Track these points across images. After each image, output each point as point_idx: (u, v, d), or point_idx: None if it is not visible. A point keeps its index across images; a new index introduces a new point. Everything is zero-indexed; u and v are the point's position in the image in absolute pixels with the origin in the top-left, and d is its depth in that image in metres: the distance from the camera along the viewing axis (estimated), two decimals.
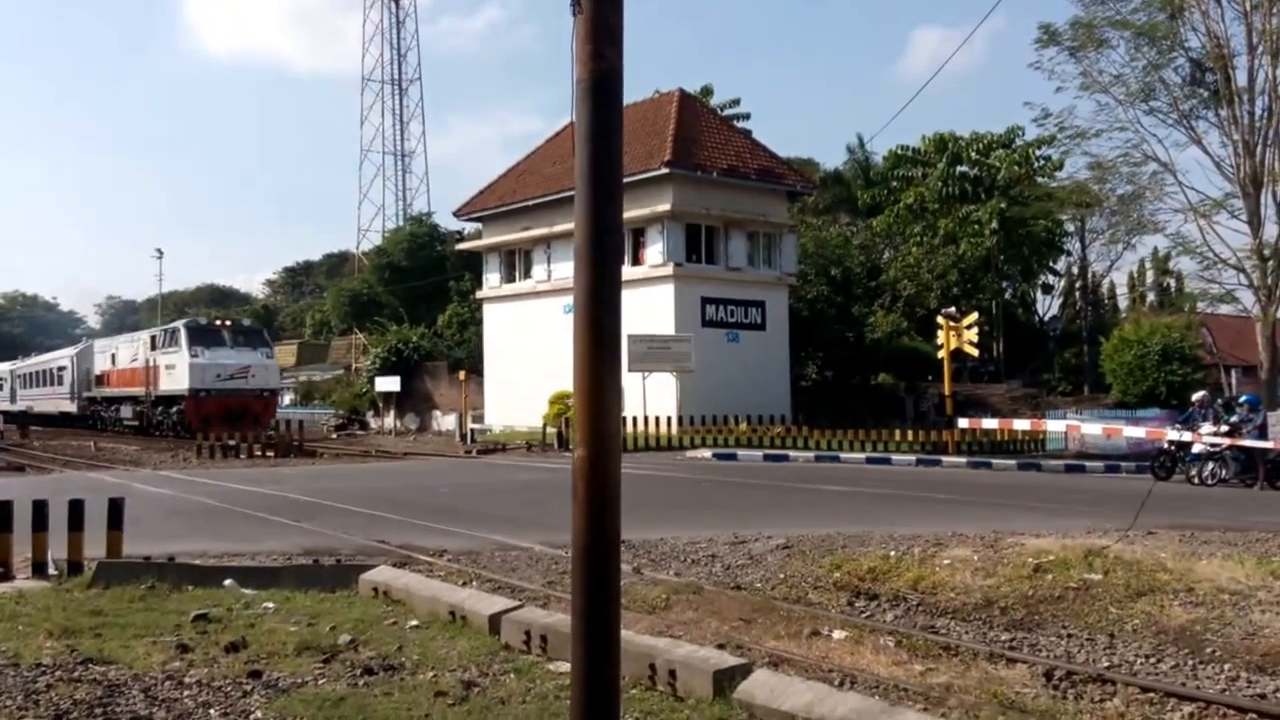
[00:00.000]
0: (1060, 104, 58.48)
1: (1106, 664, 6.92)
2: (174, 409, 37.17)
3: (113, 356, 44.23)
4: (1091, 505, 14.92)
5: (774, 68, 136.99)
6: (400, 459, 27.61)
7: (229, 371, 36.79)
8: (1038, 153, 42.87)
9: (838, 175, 53.70)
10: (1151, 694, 6.25)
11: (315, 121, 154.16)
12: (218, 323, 39.77)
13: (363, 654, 7.01)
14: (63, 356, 52.87)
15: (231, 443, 26.40)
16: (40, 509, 9.51)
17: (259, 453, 26.11)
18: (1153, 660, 7.00)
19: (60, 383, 51.23)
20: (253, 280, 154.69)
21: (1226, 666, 6.82)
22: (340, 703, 5.93)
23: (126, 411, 42.14)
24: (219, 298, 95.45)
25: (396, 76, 73.71)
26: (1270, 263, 31.04)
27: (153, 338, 39.65)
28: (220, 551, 10.75)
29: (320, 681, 6.41)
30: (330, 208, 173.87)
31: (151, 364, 38.44)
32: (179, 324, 38.22)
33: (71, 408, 49.23)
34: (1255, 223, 31.22)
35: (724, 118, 42.45)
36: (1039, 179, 43.16)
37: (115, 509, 9.67)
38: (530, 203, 36.69)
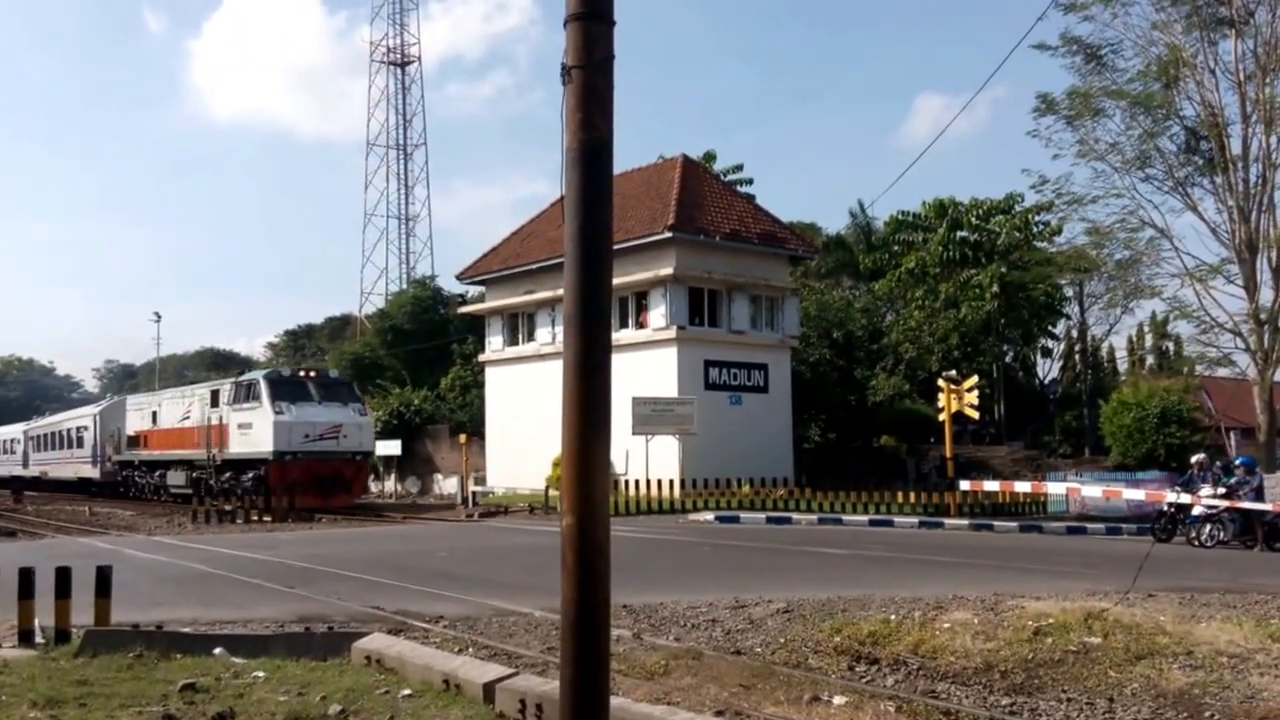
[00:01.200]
0: (1058, 171, 58.84)
1: None
2: (249, 475, 31.29)
3: (153, 415, 38.74)
4: (1092, 567, 14.78)
5: (777, 134, 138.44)
6: (400, 523, 27.41)
7: (318, 431, 31.13)
8: (1037, 218, 43.18)
9: (840, 240, 54.00)
10: None
11: (319, 185, 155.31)
12: (301, 374, 33.51)
13: None
14: (83, 416, 47.50)
15: (228, 508, 26.23)
16: (26, 576, 9.41)
17: (256, 518, 25.95)
18: None
19: (80, 444, 45.90)
20: (254, 343, 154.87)
21: None
22: None
23: (176, 478, 35.93)
24: (219, 361, 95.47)
25: (401, 141, 74.80)
26: (1266, 326, 31.07)
27: (214, 393, 34.21)
28: (211, 619, 10.63)
29: None
30: (333, 271, 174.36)
31: (218, 422, 32.77)
32: (257, 376, 32.45)
33: (93, 473, 43.80)
34: (1251, 287, 31.30)
35: (727, 183, 42.83)
36: (1038, 244, 43.42)
37: (103, 576, 9.57)
38: (533, 266, 36.88)
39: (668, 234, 32.52)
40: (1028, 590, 11.35)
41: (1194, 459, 21.20)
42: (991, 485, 26.81)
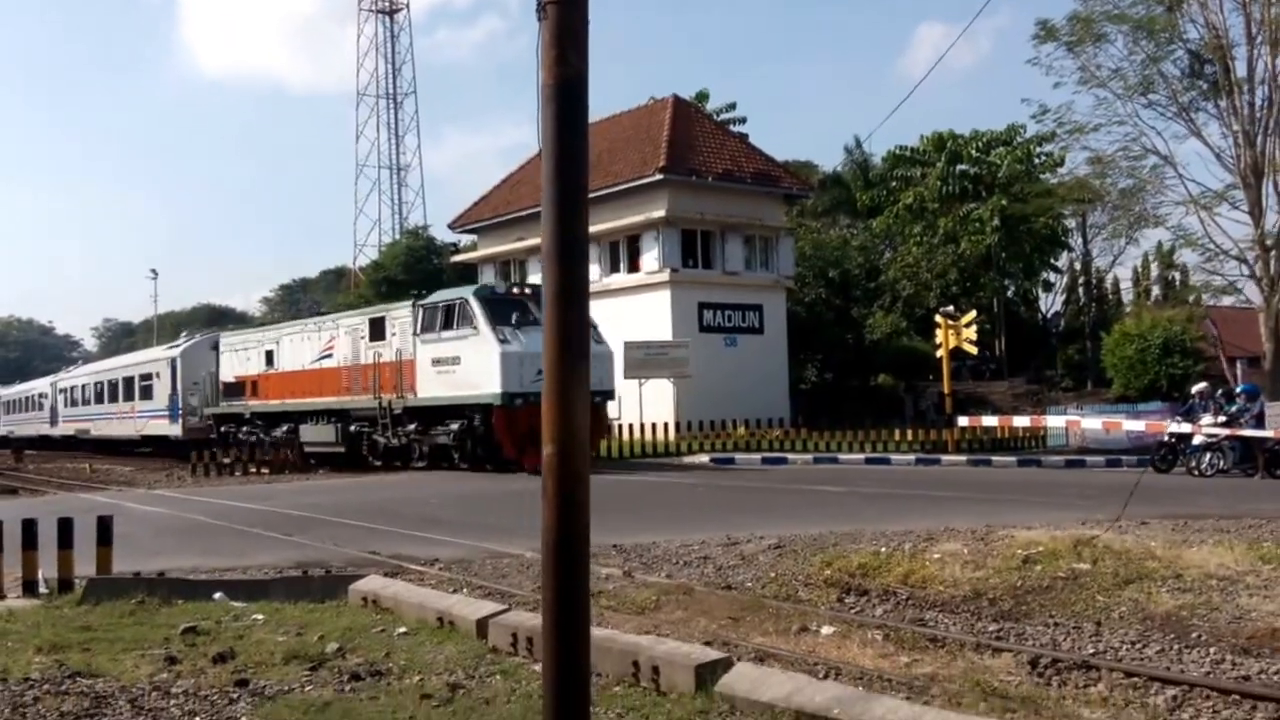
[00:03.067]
0: (1059, 99, 58.43)
1: (1092, 651, 7.02)
2: (452, 425, 23.87)
3: (267, 355, 30.58)
4: (1087, 499, 15.00)
5: (772, 69, 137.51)
6: (396, 472, 27.71)
7: None
8: (1038, 149, 43.08)
9: (837, 177, 53.86)
10: (1135, 679, 6.35)
11: (310, 138, 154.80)
12: (515, 290, 25.08)
13: (350, 661, 7.12)
14: (150, 361, 39.01)
15: (226, 461, 26.46)
16: (30, 528, 9.64)
17: (255, 470, 26.19)
18: (1138, 646, 7.10)
19: (147, 396, 37.65)
20: (249, 298, 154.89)
21: (1212, 650, 6.92)
22: (326, 708, 6.04)
23: (318, 432, 27.71)
24: (215, 317, 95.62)
25: (391, 91, 74.35)
26: (1273, 253, 31.12)
27: (376, 321, 26.34)
28: (210, 567, 10.85)
29: (307, 688, 6.51)
30: (326, 224, 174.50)
31: (393, 359, 24.99)
32: (462, 294, 24.26)
33: (172, 429, 35.29)
34: (1257, 213, 31.31)
35: (719, 123, 42.63)
36: (1040, 176, 43.35)
37: (104, 526, 9.81)
38: (524, 213, 36.85)
39: (659, 176, 32.49)
40: (1021, 521, 11.56)
41: (1195, 388, 21.41)
42: (990, 420, 27.07)
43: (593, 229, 21.17)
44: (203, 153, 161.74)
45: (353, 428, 26.51)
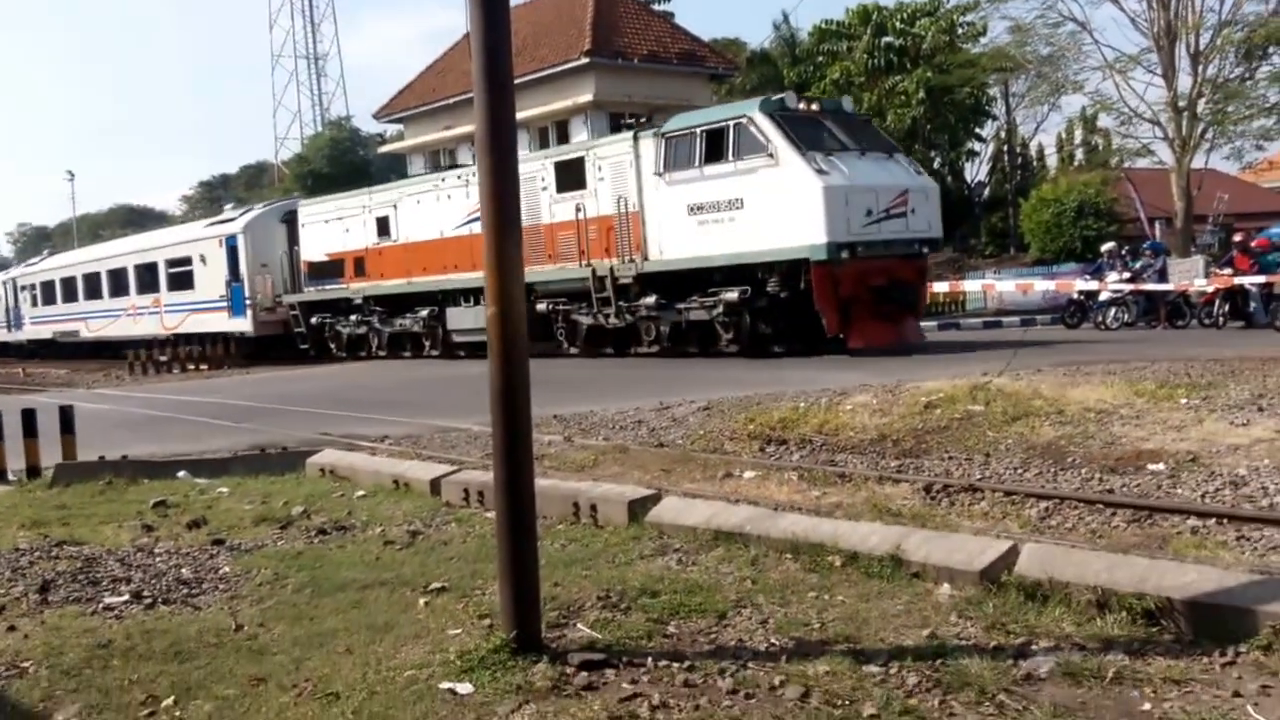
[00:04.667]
0: None
1: (979, 477, 7.99)
2: (729, 294, 17.99)
3: (381, 222, 24.88)
4: (996, 354, 15.86)
5: None
6: (334, 364, 28.21)
7: (884, 204, 17.57)
8: (962, 19, 43.47)
9: (764, 55, 53.79)
10: (1014, 496, 7.30)
11: (223, 28, 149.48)
12: (803, 106, 18.76)
13: (315, 520, 7.89)
14: (192, 241, 31.84)
15: (164, 358, 26.73)
16: None
17: (193, 367, 26.54)
18: (1020, 471, 8.08)
19: (185, 285, 31.39)
20: (168, 197, 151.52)
21: (1084, 471, 7.91)
22: (299, 555, 6.82)
23: (480, 315, 20.61)
24: (134, 218, 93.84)
25: None
26: (1184, 114, 32.18)
27: (568, 164, 20.74)
28: (167, 454, 11.50)
29: (279, 543, 7.28)
30: (244, 118, 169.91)
31: (619, 210, 19.40)
32: (748, 110, 17.99)
33: (239, 324, 29.08)
34: (1169, 75, 32.23)
35: (642, 2, 42.43)
36: (963, 46, 43.82)
37: (65, 416, 10.41)
38: (451, 100, 36.75)
39: (584, 60, 32.58)
40: (931, 376, 12.52)
41: (1104, 248, 22.57)
42: None
43: (521, 115, 21.44)
44: (111, 47, 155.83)
45: (542, 306, 20.94)
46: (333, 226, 26.35)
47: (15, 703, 4.54)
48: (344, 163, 54.15)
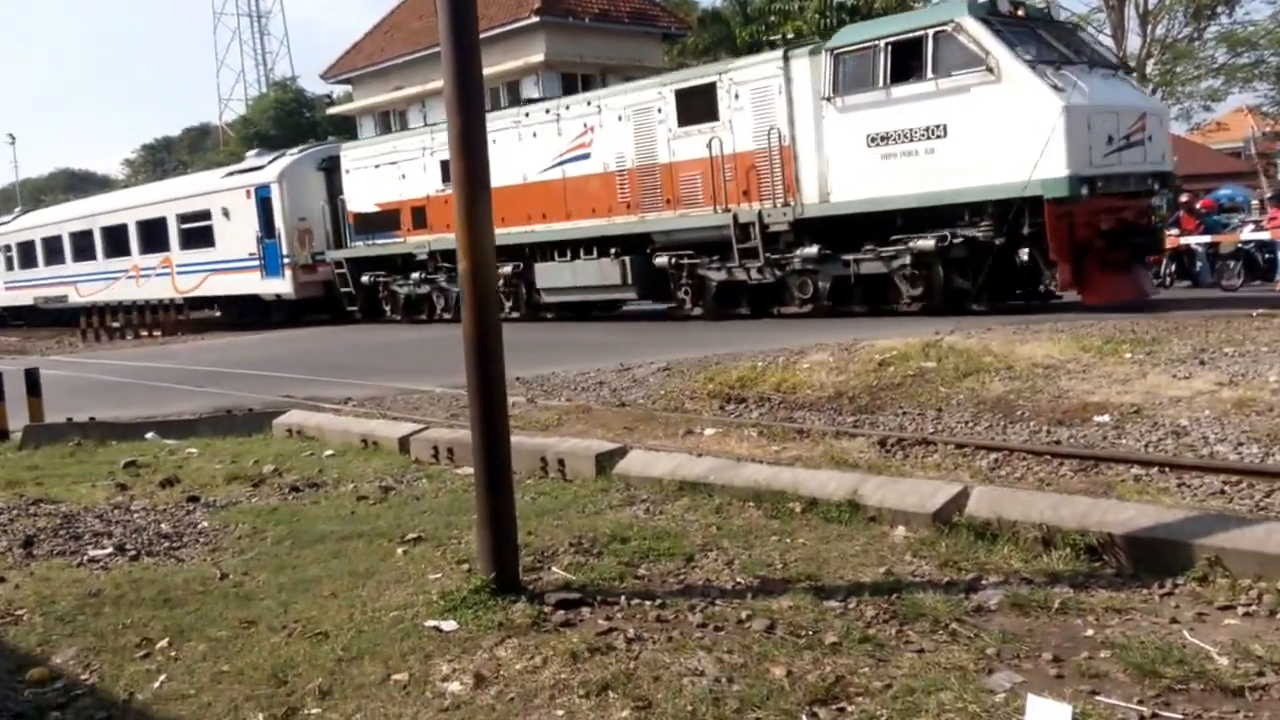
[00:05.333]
0: None
1: (931, 430, 8.35)
2: (923, 242, 15.14)
3: (445, 165, 20.10)
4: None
5: None
6: (292, 329, 28.16)
7: (1125, 129, 14.74)
8: None
9: (716, 14, 53.81)
10: (965, 448, 7.66)
11: None
12: (1020, 12, 15.40)
13: (287, 478, 8.10)
14: (210, 193, 27.99)
15: (116, 325, 26.56)
16: None
17: (146, 334, 26.41)
18: (971, 425, 8.46)
19: (203, 242, 27.74)
20: (110, 161, 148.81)
21: (1031, 424, 8.30)
22: (275, 511, 7.04)
23: (578, 271, 19.43)
24: (76, 182, 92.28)
25: None
26: (1134, 74, 32.77)
27: (695, 92, 17.75)
28: (133, 417, 11.61)
29: (253, 500, 7.50)
30: (185, 78, 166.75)
31: (773, 143, 16.47)
32: (953, 14, 14.63)
33: (276, 286, 25.76)
34: (1119, 36, 32.81)
35: None
36: (915, 4, 44.16)
37: (32, 379, 10.50)
38: (400, 60, 36.57)
39: (535, 19, 32.53)
40: (888, 335, 12.87)
41: None
42: None
43: None
44: (48, 7, 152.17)
45: (661, 260, 18.21)
46: (384, 172, 23.10)
47: (14, 647, 4.76)
48: (290, 124, 53.58)
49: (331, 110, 46.58)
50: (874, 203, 15.39)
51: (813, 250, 16.15)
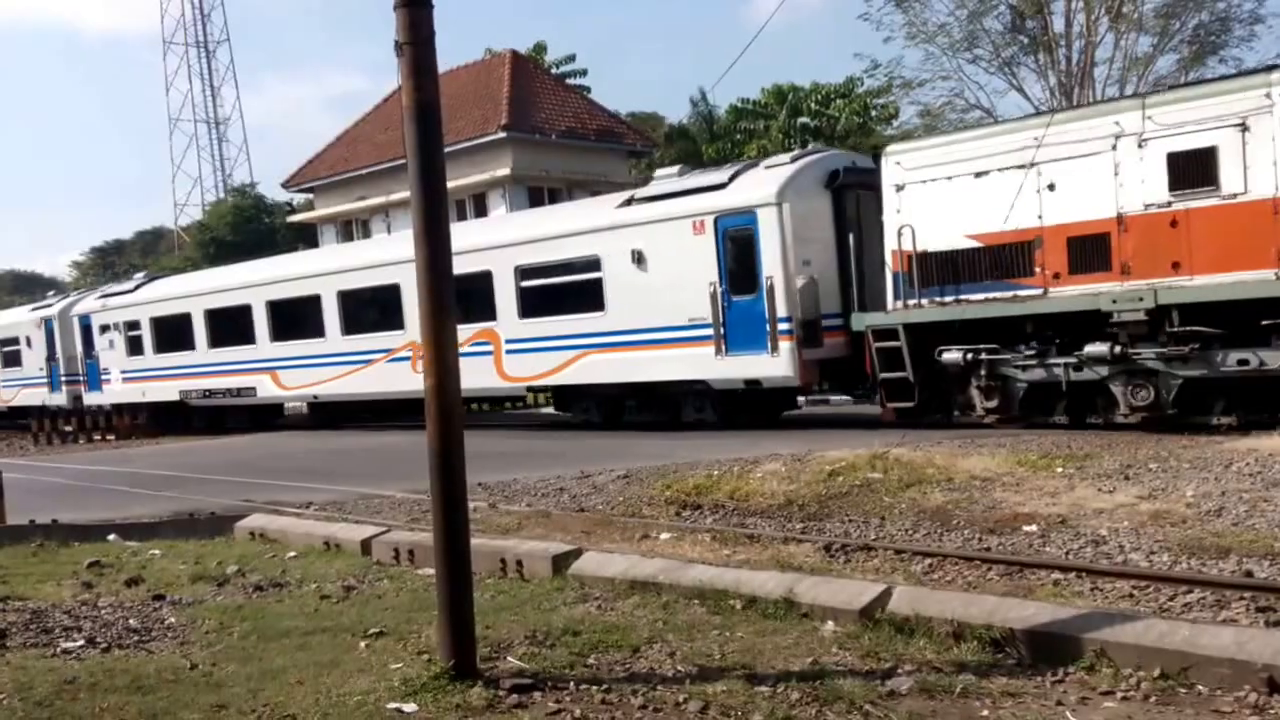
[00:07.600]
0: (890, 54, 61.95)
1: (874, 537, 8.97)
2: None
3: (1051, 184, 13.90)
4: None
5: (614, 17, 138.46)
6: (250, 435, 28.46)
7: None
8: (875, 101, 45.78)
9: (683, 130, 55.70)
10: (903, 554, 8.29)
11: (116, 89, 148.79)
12: None
13: (251, 578, 8.57)
14: (640, 223, 18.04)
15: (68, 429, 26.77)
16: None
17: (99, 438, 26.62)
18: (911, 532, 9.08)
19: (581, 306, 19.03)
20: (56, 263, 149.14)
21: (966, 532, 8.93)
22: (240, 608, 7.52)
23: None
24: (22, 284, 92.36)
25: (202, 38, 72.89)
26: None
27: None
28: (94, 519, 12.00)
29: (218, 598, 7.96)
30: (139, 182, 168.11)
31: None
32: None
33: (776, 367, 16.61)
34: None
35: (559, 77, 43.92)
36: (876, 128, 46.06)
37: None
38: (364, 171, 37.61)
39: (502, 134, 33.75)
40: (839, 446, 13.54)
41: None
42: None
43: None
44: None
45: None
46: (983, 186, 14.80)
47: None
48: (248, 230, 54.36)
49: (293, 218, 47.52)
50: None
51: None
